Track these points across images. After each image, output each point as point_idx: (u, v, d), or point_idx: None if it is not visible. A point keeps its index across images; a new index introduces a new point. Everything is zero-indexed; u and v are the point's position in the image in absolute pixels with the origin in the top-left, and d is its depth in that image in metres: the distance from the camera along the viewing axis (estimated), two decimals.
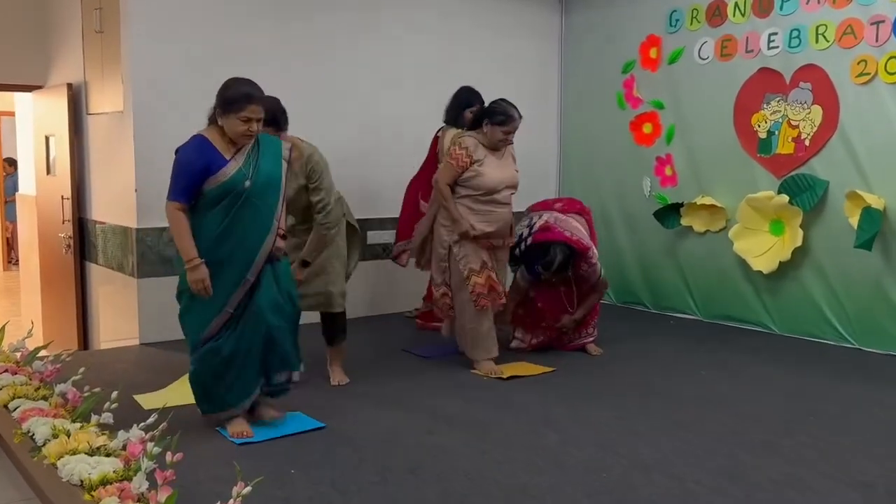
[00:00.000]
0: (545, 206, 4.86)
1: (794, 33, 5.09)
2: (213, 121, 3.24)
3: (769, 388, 4.09)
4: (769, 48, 5.23)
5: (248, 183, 3.18)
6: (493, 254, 4.36)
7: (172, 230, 3.22)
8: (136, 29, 4.87)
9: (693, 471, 2.97)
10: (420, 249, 4.67)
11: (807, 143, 5.06)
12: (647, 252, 6.04)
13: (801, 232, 5.01)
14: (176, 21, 4.97)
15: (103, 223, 5.40)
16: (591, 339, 4.74)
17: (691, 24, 5.67)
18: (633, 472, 2.97)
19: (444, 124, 5.08)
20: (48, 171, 6.08)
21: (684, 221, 5.70)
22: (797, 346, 4.97)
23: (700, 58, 5.63)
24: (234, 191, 3.17)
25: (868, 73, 4.75)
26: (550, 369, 4.32)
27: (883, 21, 4.68)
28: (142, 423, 2.87)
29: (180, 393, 3.71)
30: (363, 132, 5.74)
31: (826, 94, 4.95)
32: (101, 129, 5.40)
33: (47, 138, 6.03)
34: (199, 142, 3.21)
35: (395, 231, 5.44)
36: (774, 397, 3.92)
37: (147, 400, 3.75)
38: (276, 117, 3.66)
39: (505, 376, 4.20)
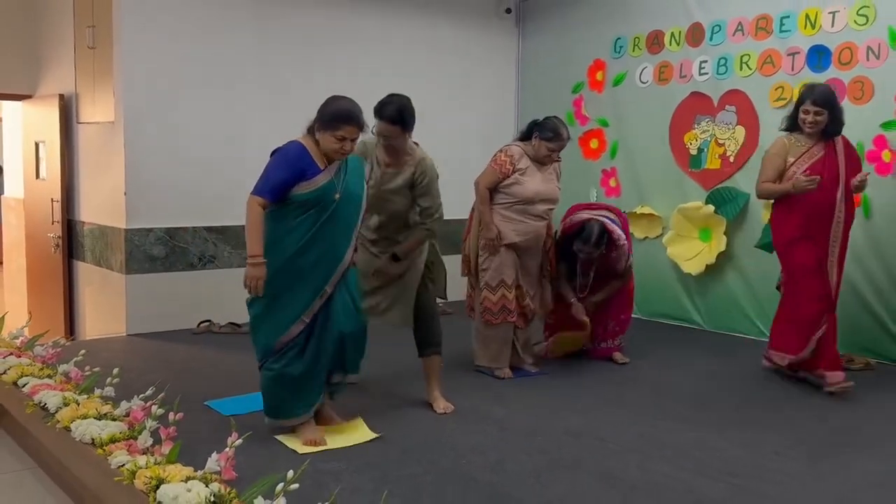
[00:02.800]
0: (580, 207, 4.92)
1: (722, 61, 5.71)
2: (310, 131, 3.33)
3: (693, 373, 4.65)
4: (700, 74, 5.84)
5: (337, 195, 3.27)
6: (522, 267, 4.44)
7: (248, 222, 3.23)
8: (128, 46, 5.33)
9: (615, 436, 3.52)
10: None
11: (731, 159, 5.68)
12: None
13: (725, 238, 5.62)
14: (165, 39, 5.44)
15: (92, 224, 5.83)
16: (618, 347, 4.88)
17: (633, 50, 6.28)
18: (565, 436, 3.51)
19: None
20: (37, 176, 6.49)
21: None
22: (722, 339, 5.56)
23: (641, 81, 6.23)
24: (324, 201, 3.24)
25: (784, 98, 5.37)
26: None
27: (798, 52, 5.31)
28: (142, 395, 3.36)
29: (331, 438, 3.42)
30: None
31: (748, 116, 5.57)
32: (91, 138, 5.84)
33: (37, 144, 6.44)
34: (298, 147, 3.29)
35: None
36: (696, 381, 4.49)
37: (295, 442, 3.38)
38: (403, 117, 3.67)
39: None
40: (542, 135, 4.36)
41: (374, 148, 3.81)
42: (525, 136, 4.49)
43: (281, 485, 2.43)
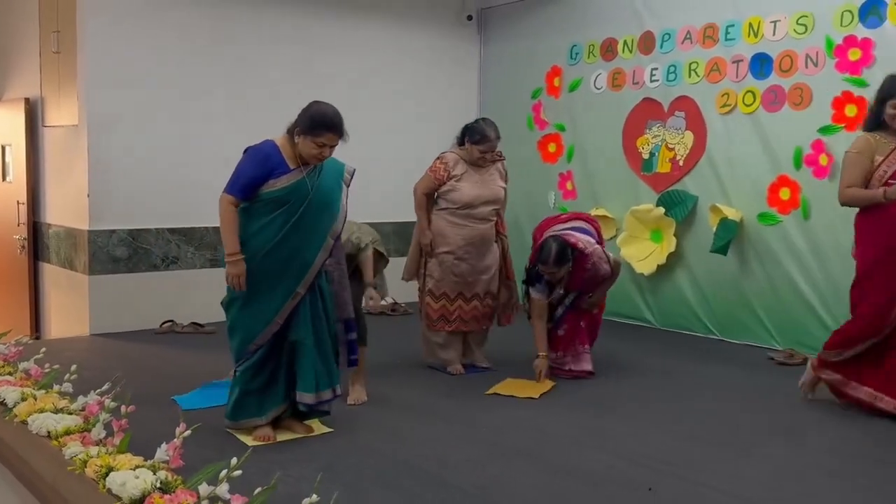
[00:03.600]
0: (549, 223, 4.76)
1: (672, 69, 5.92)
2: (289, 132, 3.36)
3: (640, 369, 4.83)
4: (651, 81, 6.04)
5: (310, 194, 3.30)
6: (476, 270, 4.51)
7: (221, 222, 3.29)
8: (92, 51, 5.44)
9: (556, 427, 3.69)
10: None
11: (681, 163, 5.88)
12: None
13: (675, 239, 5.82)
14: (128, 44, 5.55)
15: (57, 226, 5.92)
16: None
17: (588, 57, 6.47)
18: (507, 426, 3.67)
19: None
20: (3, 178, 6.56)
21: None
22: (671, 337, 5.76)
23: (595, 87, 6.43)
24: (294, 200, 3.28)
25: (730, 105, 5.58)
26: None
27: (742, 60, 5.51)
28: (98, 390, 3.47)
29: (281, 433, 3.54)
30: None
31: (696, 122, 5.77)
32: (56, 141, 5.94)
33: (3, 147, 6.52)
34: (269, 145, 3.35)
35: None
36: (641, 377, 4.66)
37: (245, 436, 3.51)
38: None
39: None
40: (471, 138, 4.45)
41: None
42: (461, 142, 4.56)
43: (225, 471, 2.56)
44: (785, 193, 5.28)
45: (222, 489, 2.52)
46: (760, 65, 5.39)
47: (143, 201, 5.65)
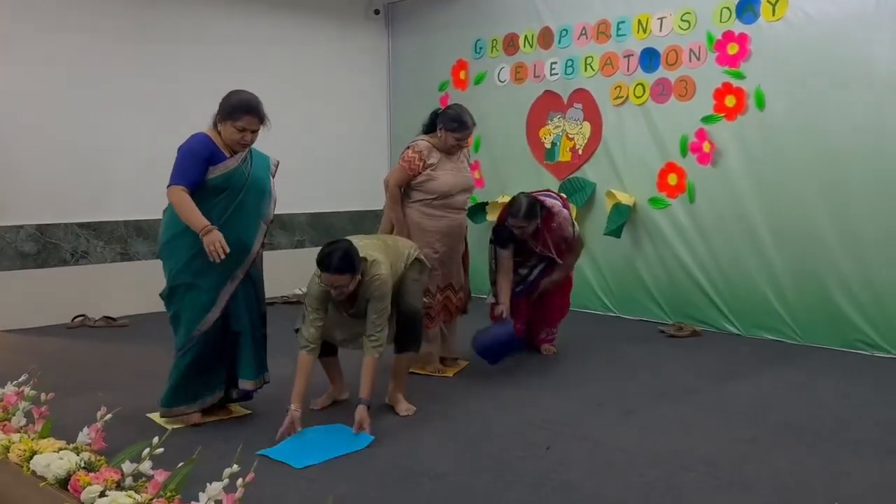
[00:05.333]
0: None
1: (570, 63, 6.26)
2: (214, 125, 3.46)
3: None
4: (551, 74, 6.37)
5: (246, 181, 3.45)
6: (450, 260, 4.37)
7: (179, 208, 3.32)
8: None
9: (472, 394, 3.95)
10: None
11: (580, 152, 6.23)
12: None
13: (576, 224, 6.15)
14: (32, 36, 5.50)
15: None
16: (550, 339, 4.93)
17: (492, 52, 6.75)
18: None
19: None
20: None
21: (490, 217, 6.73)
22: (573, 315, 6.08)
23: (499, 80, 6.72)
24: (233, 186, 3.41)
25: (622, 97, 5.95)
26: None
27: (632, 55, 5.89)
28: (14, 381, 3.52)
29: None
30: None
31: (593, 113, 6.13)
32: None
33: None
34: (202, 136, 3.42)
35: None
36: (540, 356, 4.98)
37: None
38: (352, 264, 3.36)
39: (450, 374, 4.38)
40: (447, 126, 4.23)
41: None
42: (429, 129, 4.35)
43: (147, 449, 2.69)
44: (672, 179, 5.68)
45: (145, 466, 2.66)
46: (649, 59, 5.78)
47: (51, 196, 5.62)
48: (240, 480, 2.37)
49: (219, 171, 3.38)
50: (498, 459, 3.18)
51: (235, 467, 2.47)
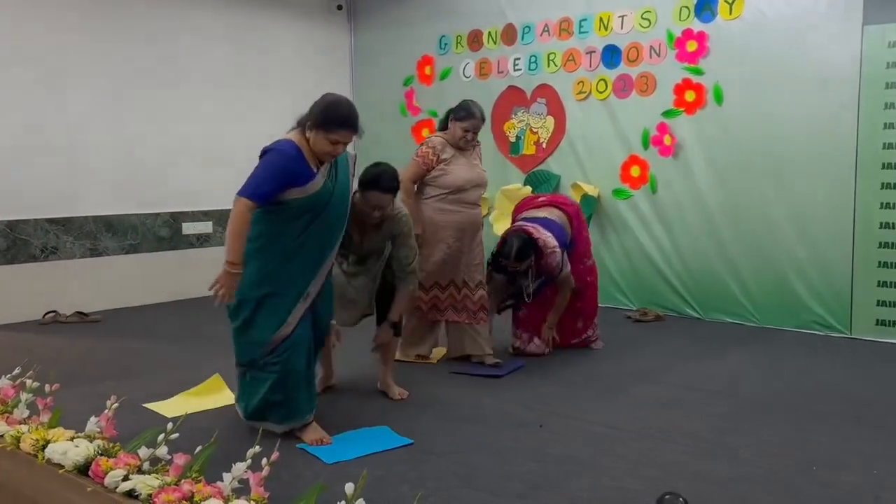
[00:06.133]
0: (527, 203, 4.94)
1: (533, 59, 6.44)
2: (300, 125, 3.16)
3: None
4: (515, 70, 6.55)
5: (331, 195, 3.16)
6: (467, 255, 4.33)
7: (232, 226, 3.01)
8: None
9: (463, 380, 4.09)
10: None
11: (544, 145, 6.43)
12: None
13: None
14: None
15: None
16: (594, 340, 4.86)
17: (456, 48, 6.90)
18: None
19: None
20: None
21: None
22: None
23: (464, 76, 6.87)
24: (319, 201, 3.12)
25: (585, 92, 6.17)
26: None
27: (594, 51, 6.11)
28: (8, 375, 3.52)
29: (198, 401, 3.74)
30: (166, 150, 6.43)
31: (556, 108, 6.33)
32: None
33: None
34: (292, 148, 3.09)
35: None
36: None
37: (163, 407, 3.69)
38: (397, 184, 3.61)
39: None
40: (455, 115, 4.29)
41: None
42: (444, 127, 4.43)
43: (162, 435, 2.76)
44: (635, 171, 5.93)
45: (162, 451, 2.73)
46: (611, 55, 6.01)
47: (20, 192, 5.54)
48: (264, 459, 2.46)
49: (305, 193, 3.08)
50: (495, 438, 3.33)
51: (257, 448, 2.56)
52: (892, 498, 2.73)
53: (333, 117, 3.08)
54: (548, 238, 4.38)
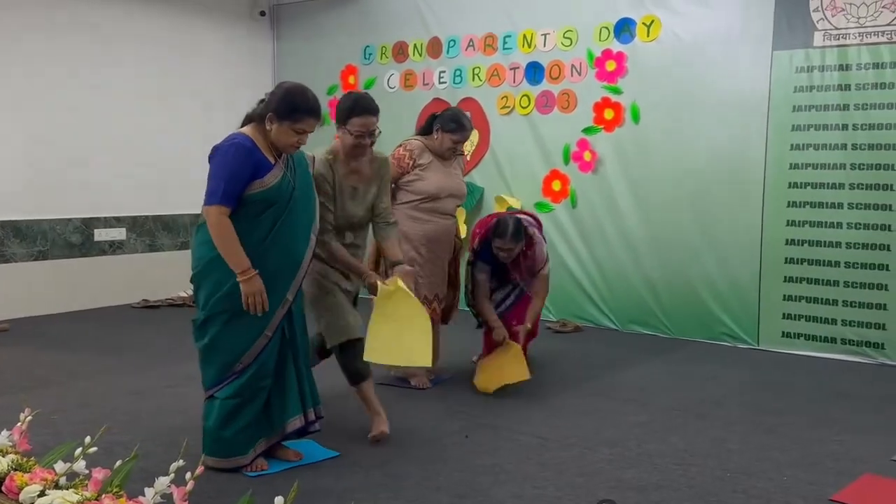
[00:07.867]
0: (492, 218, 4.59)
1: (458, 72, 6.53)
2: (254, 120, 2.98)
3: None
4: (440, 83, 6.62)
5: (294, 190, 2.96)
6: (435, 267, 4.17)
7: (219, 238, 2.83)
8: None
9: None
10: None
11: (467, 158, 6.50)
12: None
13: (465, 227, 6.41)
14: None
15: None
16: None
17: (381, 58, 6.92)
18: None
19: None
20: None
21: None
22: (464, 316, 6.35)
23: (389, 87, 6.89)
24: (280, 198, 2.92)
25: (509, 107, 6.29)
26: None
27: (518, 67, 6.23)
28: None
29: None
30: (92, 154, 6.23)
31: (481, 122, 6.42)
32: None
33: None
34: (245, 143, 2.89)
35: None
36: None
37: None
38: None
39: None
40: (445, 126, 4.11)
41: (328, 165, 3.44)
42: (425, 131, 4.25)
43: (80, 449, 2.66)
44: (556, 185, 6.07)
45: (79, 465, 2.64)
46: (534, 72, 6.14)
47: None
48: (188, 474, 2.41)
49: (265, 186, 2.89)
50: (422, 449, 3.35)
51: (181, 462, 2.51)
52: None
53: (300, 105, 2.92)
54: (535, 230, 4.39)
